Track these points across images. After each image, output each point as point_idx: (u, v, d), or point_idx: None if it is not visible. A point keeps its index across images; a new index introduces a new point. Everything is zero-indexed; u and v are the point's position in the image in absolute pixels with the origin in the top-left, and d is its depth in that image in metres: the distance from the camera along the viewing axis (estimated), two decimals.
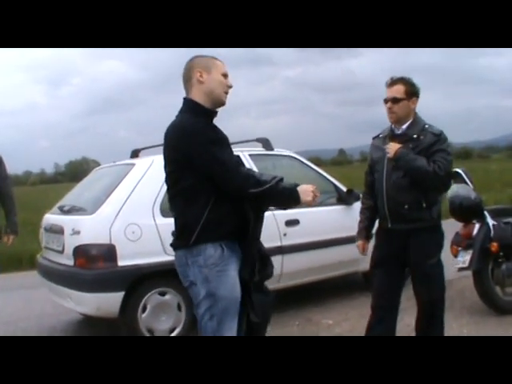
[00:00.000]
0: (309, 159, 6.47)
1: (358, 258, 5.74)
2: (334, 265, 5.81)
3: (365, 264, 5.86)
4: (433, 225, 3.62)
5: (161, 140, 3.00)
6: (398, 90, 3.56)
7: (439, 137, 3.50)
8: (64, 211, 5.19)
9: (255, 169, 5.23)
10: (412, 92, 3.59)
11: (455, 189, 5.10)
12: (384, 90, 3.66)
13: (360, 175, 4.68)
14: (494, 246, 4.96)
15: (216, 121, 3.00)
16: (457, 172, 5.20)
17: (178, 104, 3.33)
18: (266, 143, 5.78)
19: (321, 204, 5.95)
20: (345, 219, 5.80)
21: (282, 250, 5.27)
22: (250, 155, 5.49)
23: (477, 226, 5.12)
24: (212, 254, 2.72)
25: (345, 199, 5.98)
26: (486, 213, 5.12)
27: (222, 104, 2.92)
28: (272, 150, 5.81)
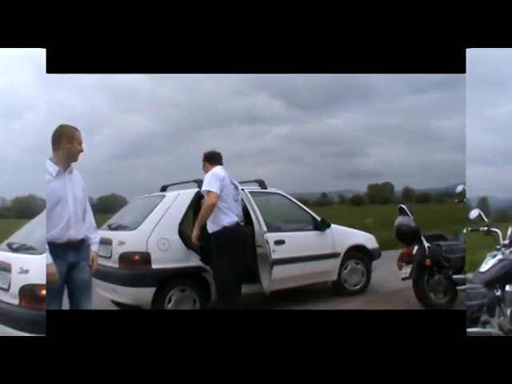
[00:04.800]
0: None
1: (328, 270, 7.06)
2: (310, 274, 6.85)
3: (334, 275, 7.17)
4: None
5: (177, 179, 5.12)
6: None
7: None
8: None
9: (253, 203, 6.46)
10: None
11: (400, 220, 6.40)
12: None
13: (338, 214, 5.68)
14: (428, 261, 6.09)
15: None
16: (401, 207, 6.50)
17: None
18: (262, 183, 6.91)
19: (301, 230, 7.14)
20: (319, 241, 7.01)
21: (271, 263, 6.28)
22: (249, 192, 6.54)
23: (416, 247, 6.19)
24: None
25: (319, 226, 7.11)
26: (422, 237, 6.22)
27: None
28: (266, 188, 6.92)
